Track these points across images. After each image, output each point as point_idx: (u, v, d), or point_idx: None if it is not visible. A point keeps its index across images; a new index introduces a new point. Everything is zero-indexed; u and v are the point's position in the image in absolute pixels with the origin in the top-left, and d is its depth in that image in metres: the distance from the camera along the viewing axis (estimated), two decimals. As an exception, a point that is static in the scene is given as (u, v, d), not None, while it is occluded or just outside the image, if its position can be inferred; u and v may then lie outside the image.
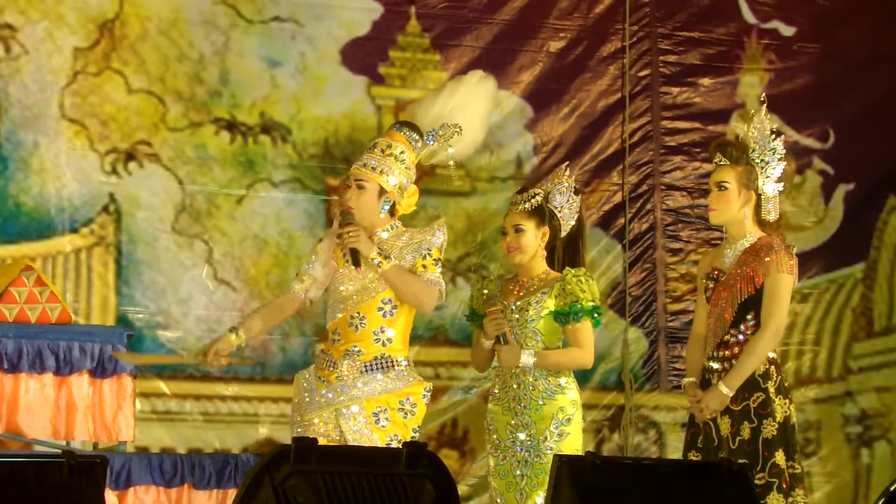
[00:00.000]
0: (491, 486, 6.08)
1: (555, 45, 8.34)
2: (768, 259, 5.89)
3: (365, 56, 8.03)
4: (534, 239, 6.09)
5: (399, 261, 5.62)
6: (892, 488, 4.53)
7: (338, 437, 5.57)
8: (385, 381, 5.58)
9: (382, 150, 5.69)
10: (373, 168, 5.65)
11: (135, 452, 6.91)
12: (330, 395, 5.60)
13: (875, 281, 8.75)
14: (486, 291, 6.19)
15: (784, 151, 6.00)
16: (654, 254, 8.42)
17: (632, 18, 8.46)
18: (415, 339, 7.95)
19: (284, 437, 7.43)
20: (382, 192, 5.66)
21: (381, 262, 5.58)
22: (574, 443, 5.97)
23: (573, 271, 6.06)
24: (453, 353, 7.97)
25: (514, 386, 6.01)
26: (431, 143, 5.80)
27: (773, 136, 6.00)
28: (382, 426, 5.53)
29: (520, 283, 6.13)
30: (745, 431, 5.83)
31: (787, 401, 5.88)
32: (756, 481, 5.67)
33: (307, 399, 5.66)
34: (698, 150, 8.35)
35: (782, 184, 5.98)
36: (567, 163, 6.52)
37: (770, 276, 5.89)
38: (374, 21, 8.05)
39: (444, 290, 5.70)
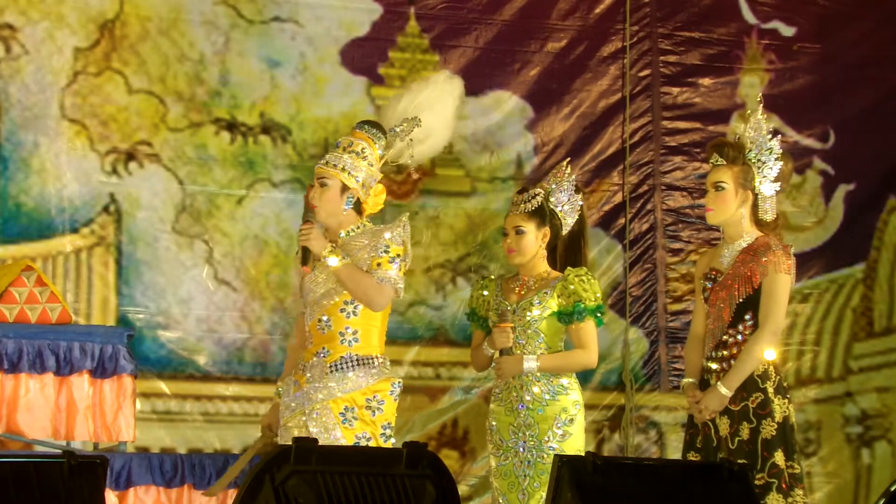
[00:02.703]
0: (493, 487, 6.09)
1: (555, 46, 8.34)
2: (766, 259, 5.90)
3: (365, 56, 8.03)
4: (534, 240, 6.09)
5: (359, 259, 5.61)
6: (892, 488, 4.53)
7: None
8: (350, 380, 5.57)
9: (344, 149, 5.72)
10: (334, 165, 5.67)
11: (135, 452, 6.91)
12: (300, 399, 5.62)
13: (875, 281, 8.75)
14: (485, 293, 6.19)
15: (781, 151, 6.00)
16: (654, 254, 8.42)
17: (632, 18, 8.46)
18: (415, 339, 8.00)
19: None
20: (345, 189, 5.67)
21: (331, 259, 5.58)
22: (576, 443, 5.98)
23: (575, 271, 6.06)
24: (454, 353, 7.97)
25: (517, 386, 6.01)
26: (392, 138, 5.78)
27: (770, 136, 6.01)
28: (350, 425, 5.54)
29: (521, 283, 6.13)
30: (744, 432, 5.83)
31: (785, 401, 5.88)
32: (755, 481, 5.67)
33: (285, 404, 5.69)
34: (698, 150, 8.35)
35: (779, 184, 5.98)
36: (568, 160, 6.53)
37: (768, 276, 5.89)
38: (374, 22, 8.05)
39: (400, 288, 5.63)
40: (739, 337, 5.92)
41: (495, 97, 8.24)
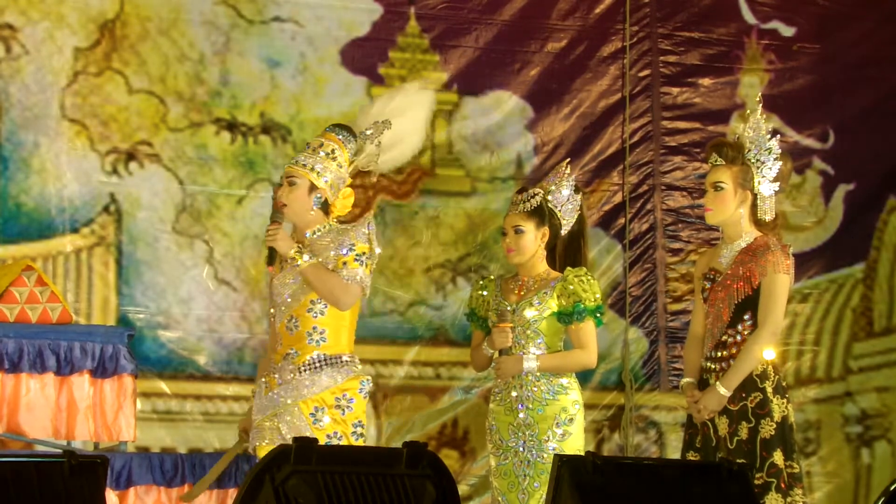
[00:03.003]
0: (492, 486, 6.09)
1: (555, 46, 8.34)
2: (765, 259, 5.90)
3: (365, 57, 8.03)
4: (533, 240, 6.09)
5: (324, 258, 5.61)
6: (892, 488, 4.54)
7: (280, 441, 5.59)
8: (319, 380, 5.58)
9: (314, 149, 5.75)
10: (303, 165, 5.70)
11: (135, 452, 6.91)
12: (271, 401, 5.62)
13: (875, 281, 8.75)
14: (485, 293, 6.20)
15: (780, 151, 6.00)
16: (654, 254, 8.42)
17: (632, 19, 8.46)
18: (415, 339, 8.00)
19: (285, 437, 7.42)
20: (313, 188, 5.68)
21: (298, 260, 5.58)
22: (576, 443, 5.98)
23: (574, 271, 6.07)
24: (454, 354, 7.97)
25: (517, 386, 6.01)
26: (362, 140, 5.79)
27: (770, 136, 6.01)
28: (321, 425, 5.54)
29: (520, 283, 6.13)
30: (743, 431, 5.84)
31: (784, 400, 5.88)
32: (754, 481, 5.67)
33: (256, 406, 5.70)
34: (698, 150, 8.35)
35: (778, 184, 5.98)
36: (568, 160, 6.53)
37: (767, 276, 5.90)
38: (374, 22, 8.06)
39: (366, 287, 5.63)
40: (738, 337, 5.92)
41: (495, 97, 8.24)
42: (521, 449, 5.97)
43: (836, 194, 8.72)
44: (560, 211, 6.17)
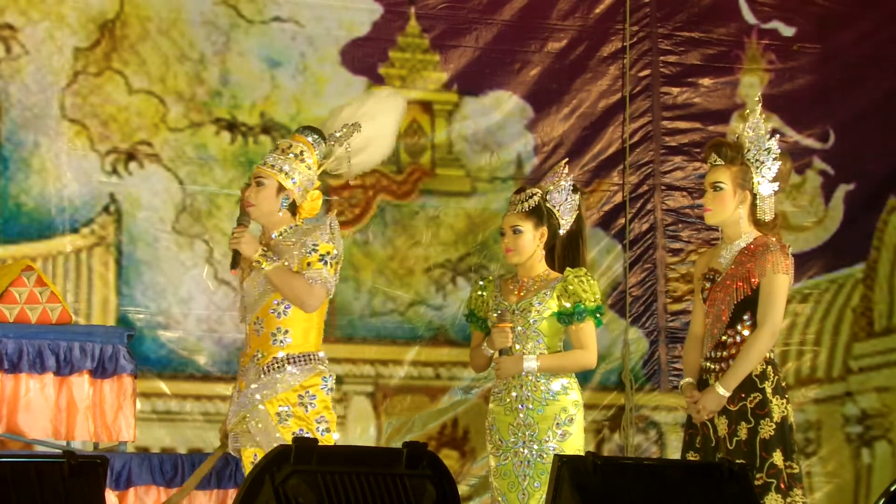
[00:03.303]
0: (492, 487, 6.09)
1: (555, 46, 8.34)
2: (764, 259, 5.90)
3: (365, 56, 8.03)
4: (531, 240, 6.09)
5: (289, 259, 5.61)
6: (892, 488, 4.54)
7: (255, 445, 5.61)
8: (283, 380, 5.57)
9: (283, 150, 5.74)
10: (271, 166, 5.68)
11: (135, 452, 6.91)
12: (241, 403, 5.64)
13: (875, 281, 8.75)
14: (483, 294, 6.19)
15: (779, 151, 6.00)
16: (654, 254, 8.42)
17: (632, 19, 8.46)
18: (415, 339, 8.00)
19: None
20: (281, 189, 5.68)
21: (263, 263, 5.58)
22: (576, 443, 5.98)
23: (574, 271, 6.07)
24: (453, 354, 7.97)
25: (517, 386, 6.01)
26: (332, 143, 5.78)
27: (769, 136, 6.00)
28: (286, 424, 5.54)
29: (519, 284, 6.13)
30: (743, 432, 5.83)
31: (784, 401, 5.88)
32: (754, 481, 5.67)
33: (231, 411, 5.72)
34: (698, 150, 8.35)
35: (777, 184, 5.98)
36: (566, 160, 6.52)
37: (766, 276, 5.89)
38: (374, 22, 8.06)
39: (331, 288, 5.60)
40: (738, 337, 5.92)
41: (495, 97, 8.24)
42: (521, 449, 5.97)
43: (836, 194, 8.71)
44: (558, 211, 6.17)
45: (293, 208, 5.72)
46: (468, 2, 8.19)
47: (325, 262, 5.58)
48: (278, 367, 5.59)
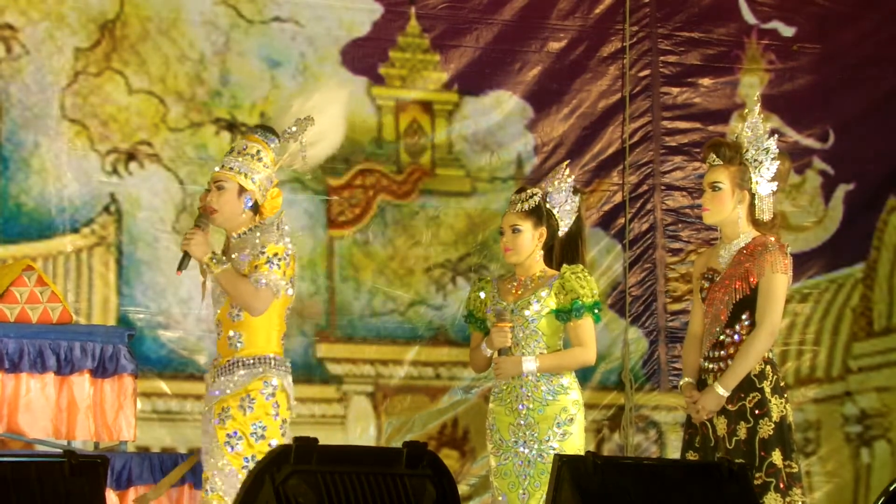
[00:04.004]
0: (493, 486, 6.09)
1: (555, 46, 8.35)
2: (763, 259, 5.90)
3: (365, 56, 8.04)
4: (531, 239, 6.09)
5: (239, 261, 5.60)
6: (891, 488, 4.54)
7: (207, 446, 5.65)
8: (230, 382, 5.59)
9: (239, 152, 5.73)
10: (230, 168, 5.68)
11: (136, 452, 6.91)
12: (203, 405, 5.70)
13: (875, 281, 8.75)
14: (482, 295, 6.19)
15: (778, 151, 6.00)
16: (654, 254, 8.43)
17: (632, 19, 8.46)
18: (415, 339, 8.01)
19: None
20: (242, 191, 5.67)
21: (212, 267, 5.57)
22: (576, 442, 5.98)
23: (571, 268, 6.07)
24: (453, 353, 7.97)
25: (517, 386, 6.01)
26: (286, 139, 5.76)
27: (767, 136, 6.01)
28: (223, 425, 5.55)
29: (517, 283, 6.13)
30: (742, 431, 5.83)
31: (783, 400, 5.88)
32: (753, 481, 5.67)
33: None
34: (698, 150, 8.35)
35: (776, 183, 5.98)
36: (567, 162, 6.53)
37: (765, 275, 5.89)
38: (375, 21, 8.06)
39: (279, 289, 5.58)
40: (736, 337, 5.92)
41: (495, 97, 8.25)
42: (521, 449, 5.98)
43: (836, 194, 8.72)
44: (558, 212, 6.17)
45: (255, 208, 5.71)
46: (468, 2, 8.19)
47: (273, 265, 5.56)
48: (230, 370, 5.60)
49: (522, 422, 5.98)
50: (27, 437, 6.51)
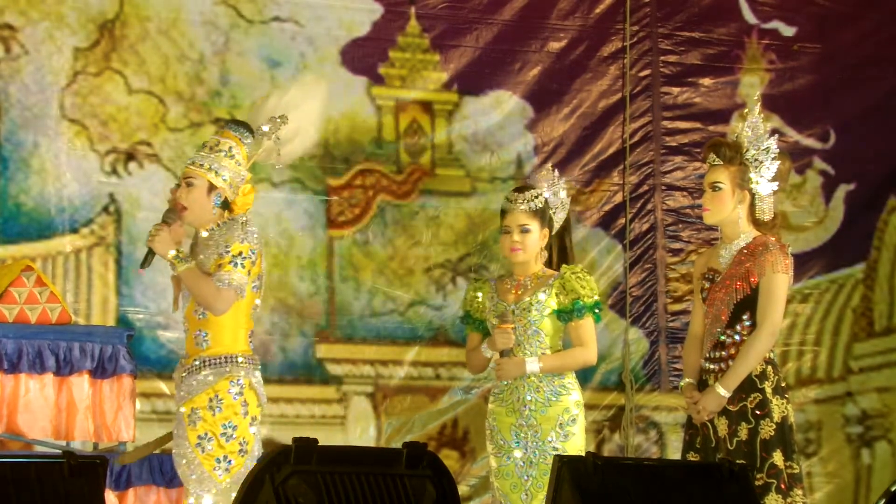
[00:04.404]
0: (493, 487, 6.08)
1: (555, 46, 8.34)
2: (763, 259, 5.89)
3: (365, 56, 8.03)
4: (538, 239, 6.10)
5: (207, 259, 5.57)
6: (892, 488, 4.53)
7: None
8: (198, 382, 5.55)
9: (211, 148, 5.68)
10: (200, 165, 5.63)
11: (135, 453, 6.90)
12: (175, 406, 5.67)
13: (875, 281, 8.75)
14: (479, 295, 6.18)
15: (778, 150, 6.00)
16: (654, 254, 8.42)
17: (632, 18, 8.46)
18: (415, 339, 8.00)
19: (284, 437, 7.42)
20: (212, 188, 5.63)
21: (175, 264, 5.55)
22: (578, 443, 5.98)
23: (570, 268, 6.07)
24: (453, 354, 7.97)
25: (519, 387, 6.01)
26: (259, 136, 5.72)
27: (768, 136, 6.00)
28: (194, 426, 5.52)
29: (517, 283, 6.13)
30: (743, 432, 5.83)
31: (784, 401, 5.87)
32: (754, 482, 5.67)
33: None
34: (699, 150, 8.34)
35: (776, 183, 5.97)
36: (551, 165, 6.54)
37: (765, 275, 5.89)
38: (374, 21, 8.05)
39: (241, 289, 5.54)
40: (737, 337, 5.91)
41: (495, 97, 8.24)
42: (524, 449, 5.97)
43: (836, 194, 8.71)
44: (555, 213, 6.18)
45: (226, 205, 5.67)
46: (468, 2, 8.19)
47: (237, 264, 5.53)
48: (196, 369, 5.57)
49: (524, 422, 5.97)
50: (26, 437, 6.51)
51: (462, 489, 7.83)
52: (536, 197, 6.11)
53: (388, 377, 7.98)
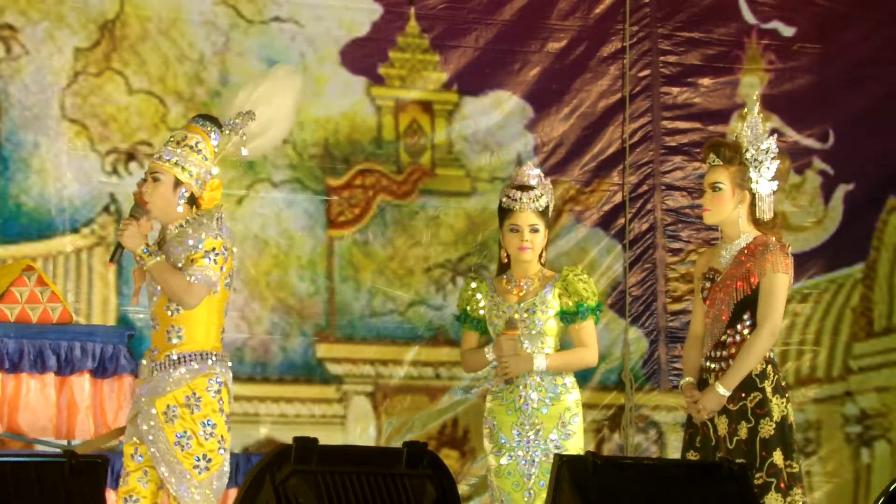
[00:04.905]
0: (493, 486, 6.08)
1: (555, 46, 8.34)
2: (764, 259, 5.90)
3: (364, 57, 8.03)
4: (544, 238, 6.12)
5: (177, 255, 5.53)
6: (891, 488, 4.54)
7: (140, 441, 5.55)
8: (173, 378, 5.51)
9: (178, 142, 5.62)
10: (167, 160, 5.58)
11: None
12: (136, 399, 5.60)
13: (875, 281, 8.75)
14: (478, 295, 6.19)
15: (777, 150, 6.00)
16: (654, 254, 8.42)
17: (632, 19, 8.46)
18: (415, 339, 8.00)
19: (284, 436, 7.43)
20: (178, 183, 5.58)
21: (145, 259, 5.51)
22: (578, 442, 6.00)
23: (572, 269, 6.09)
24: (454, 354, 7.96)
25: (519, 386, 6.01)
26: (227, 131, 5.67)
27: (767, 136, 6.01)
28: (172, 424, 5.48)
29: (517, 284, 6.13)
30: (743, 431, 5.84)
31: (784, 400, 5.88)
32: (754, 481, 5.67)
33: (131, 409, 5.67)
34: (698, 150, 8.35)
35: (776, 183, 5.98)
36: (530, 162, 6.54)
37: (766, 275, 5.90)
38: (374, 22, 8.05)
39: (214, 284, 5.52)
40: (738, 337, 5.92)
41: (495, 97, 8.24)
42: (525, 448, 5.98)
43: (835, 194, 8.71)
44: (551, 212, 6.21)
45: (193, 200, 5.63)
46: (468, 2, 8.19)
47: (210, 259, 5.50)
48: (170, 365, 5.53)
49: (525, 421, 5.98)
50: (27, 437, 6.51)
51: (462, 489, 7.83)
52: (541, 197, 6.12)
53: (388, 377, 7.98)
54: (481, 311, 6.17)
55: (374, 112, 8.04)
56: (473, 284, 6.23)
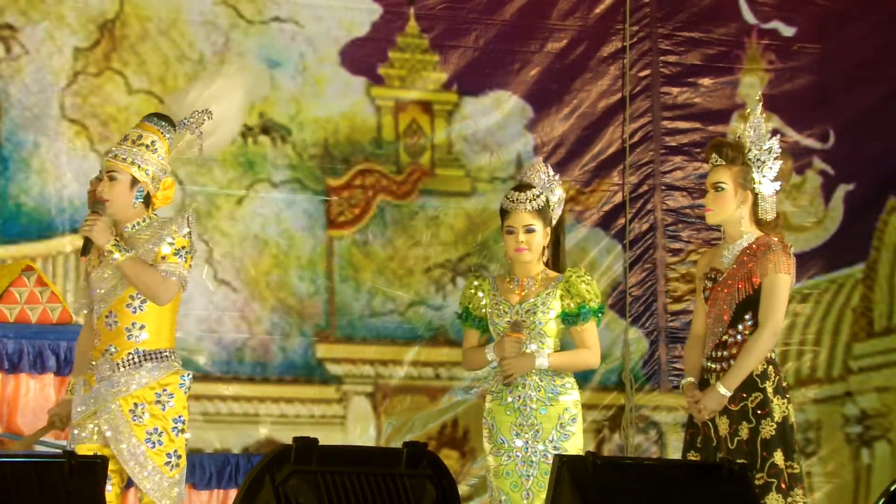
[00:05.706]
0: (492, 486, 6.07)
1: (555, 46, 8.34)
2: (766, 259, 5.89)
3: (364, 57, 8.03)
4: (542, 238, 6.09)
5: (143, 252, 5.50)
6: (892, 488, 4.54)
7: (102, 442, 5.49)
8: (139, 376, 5.47)
9: (133, 141, 5.60)
10: (123, 159, 5.55)
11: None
12: (90, 399, 5.52)
13: (875, 281, 8.75)
14: (480, 294, 6.18)
15: (780, 150, 6.00)
16: (654, 254, 8.42)
17: (632, 19, 8.46)
18: (415, 339, 8.00)
19: (284, 437, 7.43)
20: (135, 182, 5.56)
21: (115, 253, 5.48)
22: (578, 442, 5.99)
23: (574, 271, 6.07)
24: (454, 354, 7.96)
25: (519, 387, 6.01)
26: (182, 130, 5.65)
27: (770, 136, 6.00)
28: (140, 422, 5.44)
29: (519, 284, 6.12)
30: (744, 431, 5.83)
31: (785, 401, 5.87)
32: (755, 481, 5.67)
33: (76, 408, 5.58)
34: (699, 150, 8.35)
35: (779, 183, 5.98)
36: (540, 158, 6.53)
37: (768, 275, 5.89)
38: (374, 22, 8.06)
39: (185, 280, 5.53)
40: (739, 337, 5.92)
41: (495, 97, 8.24)
42: (524, 449, 5.97)
43: (836, 194, 8.72)
44: (553, 211, 6.17)
45: (146, 199, 5.61)
46: (468, 2, 8.19)
47: (180, 257, 5.51)
48: (133, 362, 5.49)
49: (524, 421, 5.97)
50: (27, 437, 6.50)
51: (462, 489, 7.83)
52: (538, 196, 6.10)
53: (387, 377, 7.98)
54: (483, 310, 6.16)
55: (373, 112, 8.04)
56: (476, 282, 6.22)
